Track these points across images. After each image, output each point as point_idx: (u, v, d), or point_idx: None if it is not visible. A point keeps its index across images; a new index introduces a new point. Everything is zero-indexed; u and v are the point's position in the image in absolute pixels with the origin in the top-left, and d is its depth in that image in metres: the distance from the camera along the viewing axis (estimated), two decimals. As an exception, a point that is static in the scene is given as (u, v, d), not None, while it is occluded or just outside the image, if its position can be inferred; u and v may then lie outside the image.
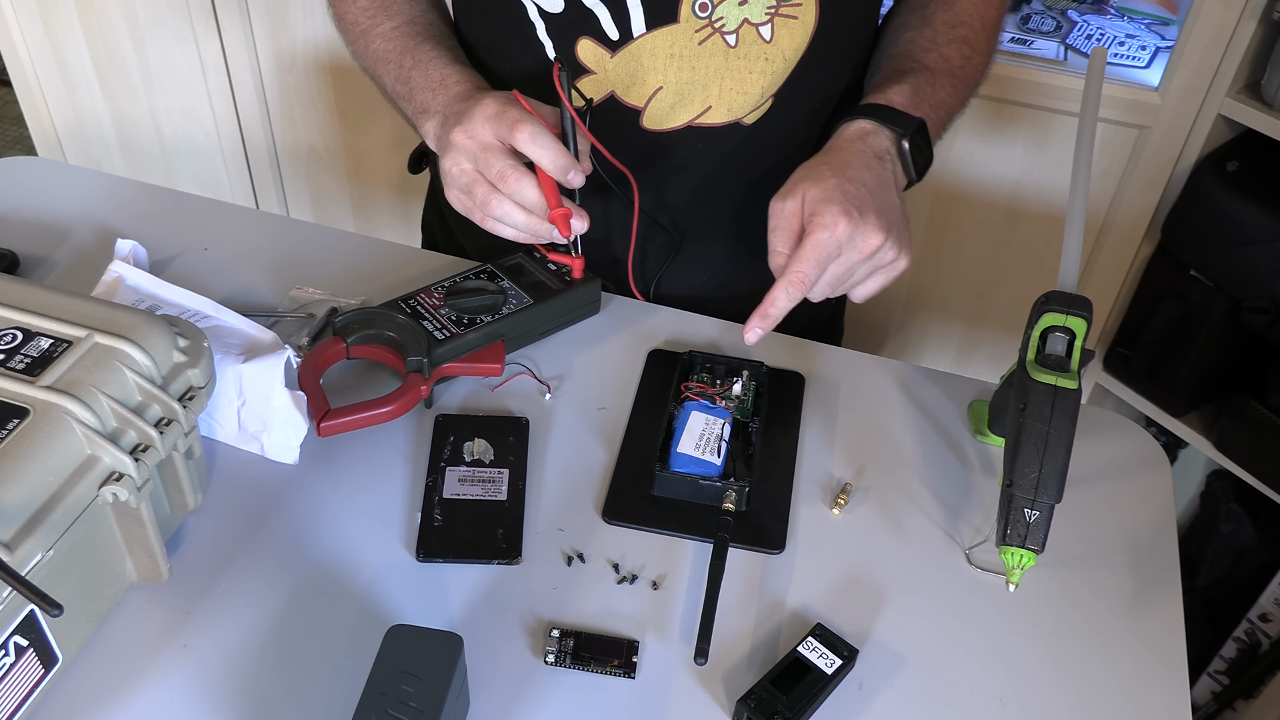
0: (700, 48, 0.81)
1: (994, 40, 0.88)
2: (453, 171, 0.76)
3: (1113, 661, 0.66)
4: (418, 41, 0.86)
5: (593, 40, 0.82)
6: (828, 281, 0.73)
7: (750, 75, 0.82)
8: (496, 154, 0.74)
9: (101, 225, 0.94)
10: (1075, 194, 0.69)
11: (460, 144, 0.75)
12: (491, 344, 0.81)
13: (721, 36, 0.80)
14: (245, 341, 0.75)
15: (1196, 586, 1.61)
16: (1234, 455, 1.45)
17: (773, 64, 0.82)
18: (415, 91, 0.84)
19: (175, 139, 1.93)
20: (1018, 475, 0.63)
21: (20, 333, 0.62)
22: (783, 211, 0.73)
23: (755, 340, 0.72)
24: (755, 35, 0.80)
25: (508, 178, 0.74)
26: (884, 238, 0.71)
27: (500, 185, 0.74)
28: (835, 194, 0.71)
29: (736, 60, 0.81)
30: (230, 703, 0.61)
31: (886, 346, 1.76)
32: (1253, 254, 1.33)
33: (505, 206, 0.75)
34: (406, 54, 0.85)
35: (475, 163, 0.75)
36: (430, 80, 0.83)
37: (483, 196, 0.75)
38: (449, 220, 1.06)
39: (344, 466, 0.75)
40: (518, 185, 0.74)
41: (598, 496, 0.74)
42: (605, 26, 0.81)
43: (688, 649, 0.64)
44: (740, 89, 0.83)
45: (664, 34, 0.80)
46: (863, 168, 0.74)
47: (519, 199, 0.75)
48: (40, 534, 0.55)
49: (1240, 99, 1.32)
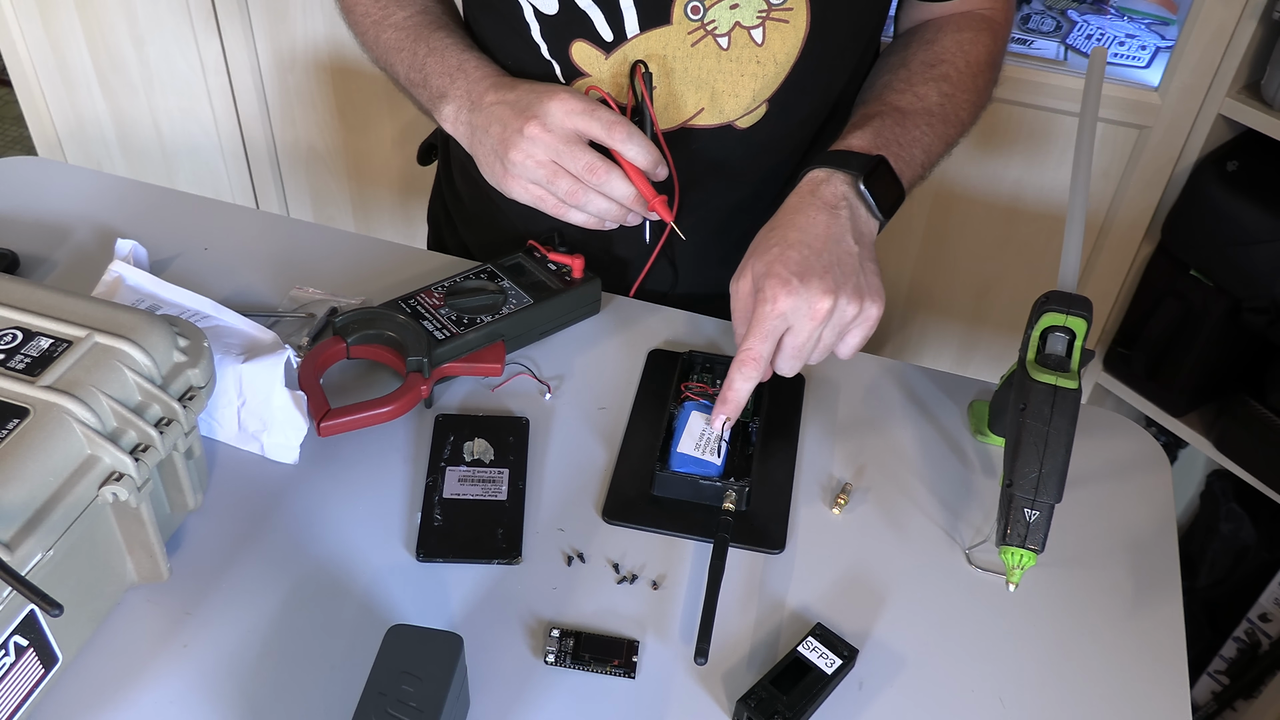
0: (693, 50, 0.81)
1: (983, 78, 0.87)
2: (526, 164, 0.78)
3: (1113, 661, 0.66)
4: (431, 29, 0.88)
5: (587, 42, 0.82)
6: (790, 354, 0.72)
7: (742, 78, 0.82)
8: (580, 148, 0.78)
9: (101, 225, 0.94)
10: (1075, 194, 0.69)
11: (537, 135, 0.77)
12: (491, 344, 0.81)
13: (714, 39, 0.80)
14: (245, 341, 0.75)
15: (1196, 586, 1.61)
16: (1234, 455, 1.45)
17: (764, 68, 0.82)
18: (431, 78, 0.85)
19: (175, 139, 1.93)
20: (1018, 475, 0.63)
21: (20, 333, 0.62)
22: (737, 294, 0.74)
23: (722, 428, 0.73)
24: (747, 38, 0.81)
25: (598, 171, 0.78)
26: (833, 299, 0.69)
27: (588, 178, 0.78)
28: (776, 266, 0.70)
29: (729, 63, 0.82)
30: (230, 703, 0.61)
31: (886, 346, 1.76)
32: (1253, 254, 1.33)
33: (590, 195, 0.79)
34: (420, 41, 0.87)
35: (555, 155, 0.78)
36: (447, 66, 0.84)
37: (568, 188, 0.79)
38: (454, 215, 1.06)
39: (344, 466, 0.75)
40: (608, 178, 0.78)
41: (598, 496, 0.74)
42: (599, 28, 0.81)
43: (688, 649, 0.64)
44: (732, 91, 0.83)
45: (657, 35, 0.81)
46: (809, 225, 0.73)
47: (608, 190, 0.79)
48: (40, 534, 0.55)
49: (1240, 99, 1.32)
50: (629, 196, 0.80)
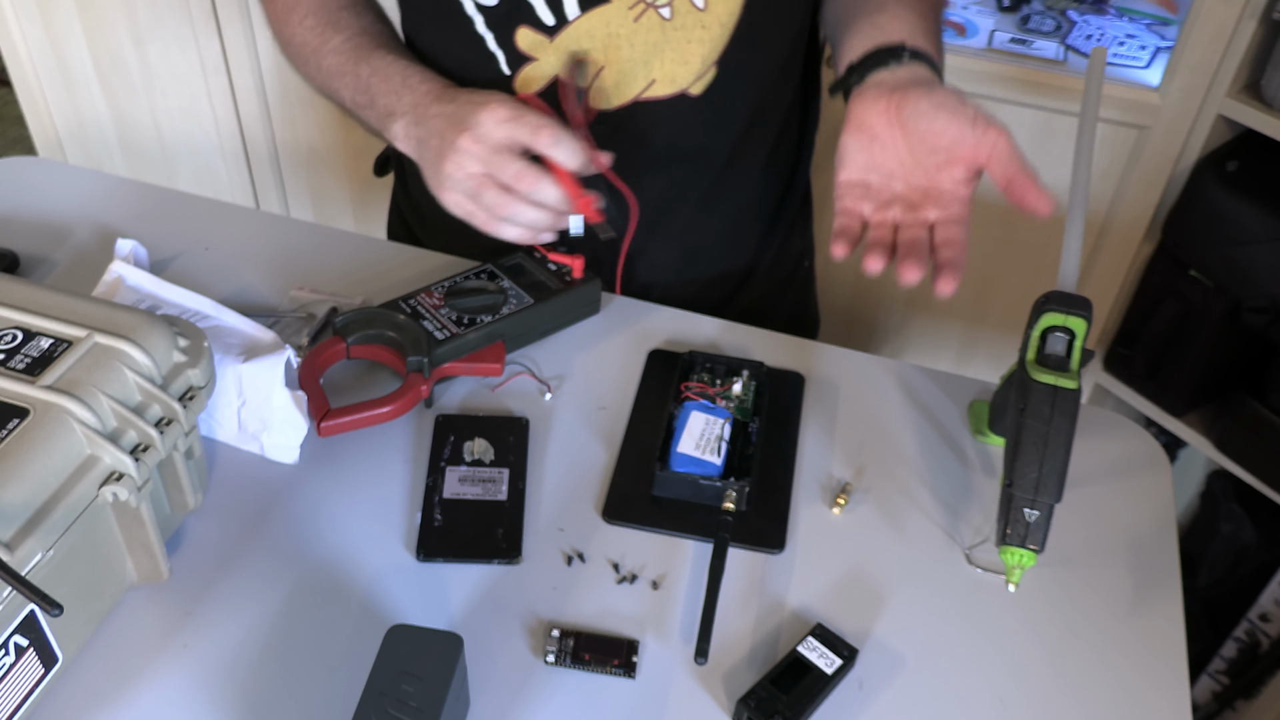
0: (636, 24, 0.82)
1: None
2: (456, 175, 0.76)
3: (1113, 661, 0.66)
4: (370, 50, 0.86)
5: (529, 28, 0.82)
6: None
7: (689, 45, 0.83)
8: (509, 157, 0.75)
9: (102, 225, 0.95)
10: (1075, 194, 0.70)
11: (467, 148, 0.75)
12: (491, 344, 0.81)
13: (656, 11, 0.81)
14: (245, 341, 0.75)
15: (1196, 586, 1.61)
16: (1234, 455, 1.45)
17: (709, 31, 0.83)
18: (377, 98, 0.83)
19: (176, 139, 1.93)
20: (1018, 475, 0.63)
21: (20, 333, 0.62)
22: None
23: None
24: (689, 5, 0.81)
25: (525, 178, 0.75)
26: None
27: (517, 186, 0.75)
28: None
29: (674, 32, 0.82)
30: (230, 703, 0.61)
31: (886, 346, 1.76)
32: (1252, 254, 1.33)
33: (517, 207, 0.76)
34: (362, 63, 0.85)
35: (486, 166, 0.75)
36: (392, 84, 0.83)
37: (493, 200, 0.76)
38: (415, 229, 1.05)
39: (344, 466, 0.75)
40: (536, 185, 0.75)
41: (598, 496, 0.74)
42: (540, 13, 0.82)
43: (688, 649, 0.64)
44: (681, 59, 0.84)
45: (598, 14, 0.81)
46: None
47: (538, 198, 0.76)
48: (40, 534, 0.55)
49: (1240, 99, 1.32)
50: (559, 201, 0.76)
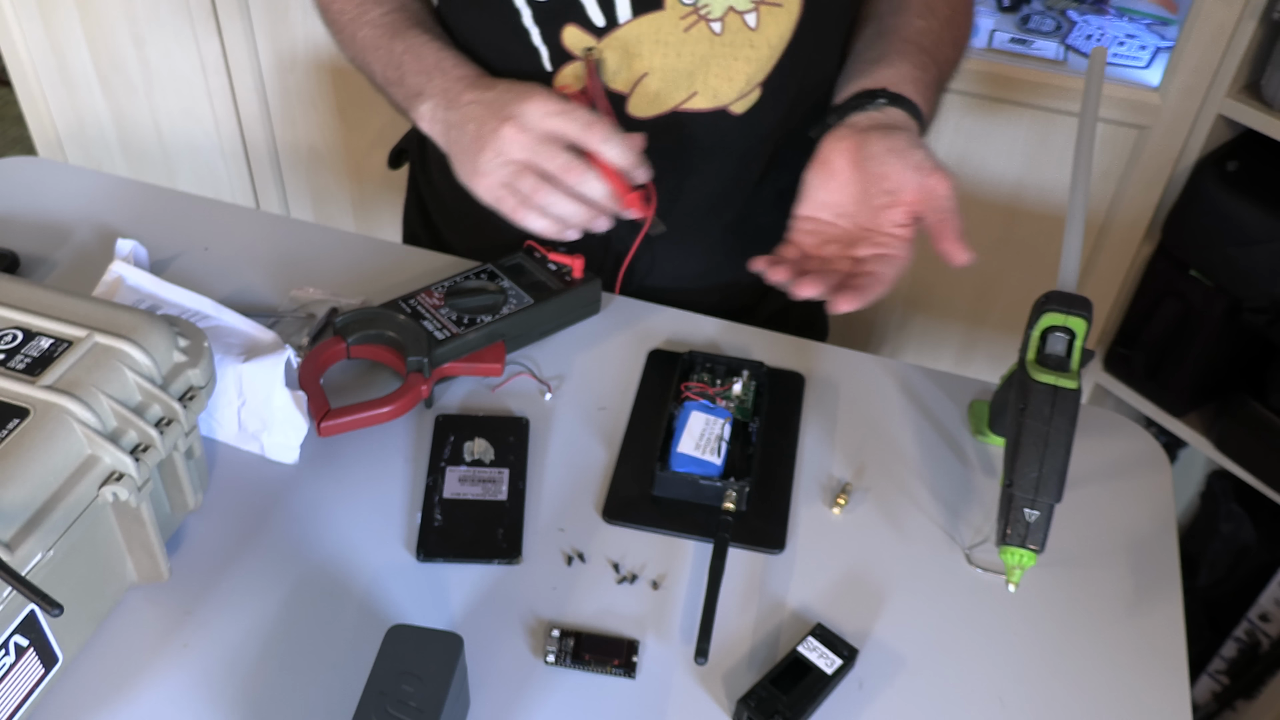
0: (686, 35, 0.81)
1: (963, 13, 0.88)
2: (494, 161, 0.76)
3: (1113, 661, 0.66)
4: (407, 27, 0.87)
5: (578, 27, 0.82)
6: None
7: (736, 63, 0.83)
8: (557, 148, 0.76)
9: (102, 225, 0.94)
10: (1075, 194, 0.70)
11: (513, 137, 0.76)
12: (491, 344, 0.81)
13: (707, 24, 0.81)
14: (245, 341, 0.75)
15: (1196, 586, 1.61)
16: (1234, 455, 1.45)
17: (758, 52, 0.82)
18: (407, 75, 0.84)
19: (175, 139, 1.93)
20: (1018, 475, 0.63)
21: (21, 333, 0.62)
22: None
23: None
24: (741, 23, 0.81)
25: (573, 170, 0.75)
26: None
27: (564, 177, 0.76)
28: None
29: (722, 48, 0.82)
30: (230, 703, 0.61)
31: (886, 346, 1.76)
32: (1252, 254, 1.33)
33: (554, 197, 0.76)
34: (397, 38, 0.86)
35: (532, 155, 0.76)
36: (424, 64, 0.83)
37: (530, 187, 0.76)
38: (435, 217, 1.05)
39: (344, 466, 0.75)
40: (583, 177, 0.76)
41: (598, 496, 0.74)
42: (591, 13, 0.81)
43: (688, 649, 0.64)
44: (726, 76, 0.83)
45: (649, 20, 0.81)
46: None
47: (583, 190, 0.76)
48: (40, 534, 0.55)
49: (1240, 99, 1.32)
50: (605, 196, 0.77)
